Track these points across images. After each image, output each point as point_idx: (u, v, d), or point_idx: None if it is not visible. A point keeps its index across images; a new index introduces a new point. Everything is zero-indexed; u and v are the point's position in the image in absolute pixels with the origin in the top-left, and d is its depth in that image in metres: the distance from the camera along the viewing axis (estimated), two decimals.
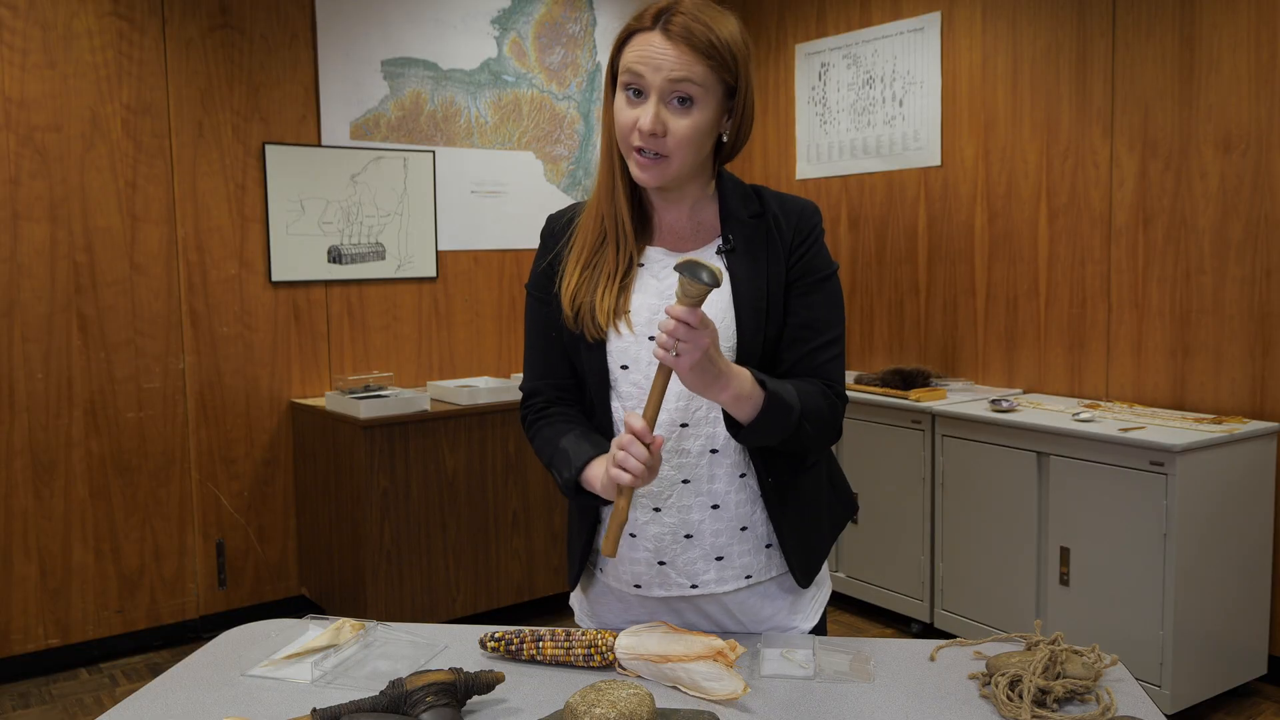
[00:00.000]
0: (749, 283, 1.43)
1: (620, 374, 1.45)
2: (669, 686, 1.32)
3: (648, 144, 1.35)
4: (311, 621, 1.55)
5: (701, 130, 1.36)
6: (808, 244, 1.47)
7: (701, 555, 1.46)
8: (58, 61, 3.49)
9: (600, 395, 1.47)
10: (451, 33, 4.29)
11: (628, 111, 1.37)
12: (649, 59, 1.34)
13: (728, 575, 1.47)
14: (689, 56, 1.33)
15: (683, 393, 1.41)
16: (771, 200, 1.48)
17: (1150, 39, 3.47)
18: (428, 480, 3.69)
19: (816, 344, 1.45)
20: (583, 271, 1.44)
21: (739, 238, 1.45)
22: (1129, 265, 3.58)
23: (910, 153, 4.27)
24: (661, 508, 1.45)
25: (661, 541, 1.46)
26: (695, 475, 1.44)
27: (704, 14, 1.35)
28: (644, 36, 1.35)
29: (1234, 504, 3.09)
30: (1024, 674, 1.25)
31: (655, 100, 1.34)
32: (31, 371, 3.50)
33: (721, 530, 1.46)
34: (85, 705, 3.33)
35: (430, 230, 4.27)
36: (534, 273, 1.55)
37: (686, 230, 1.48)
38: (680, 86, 1.33)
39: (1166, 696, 2.97)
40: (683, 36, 1.33)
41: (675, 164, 1.37)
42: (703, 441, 1.43)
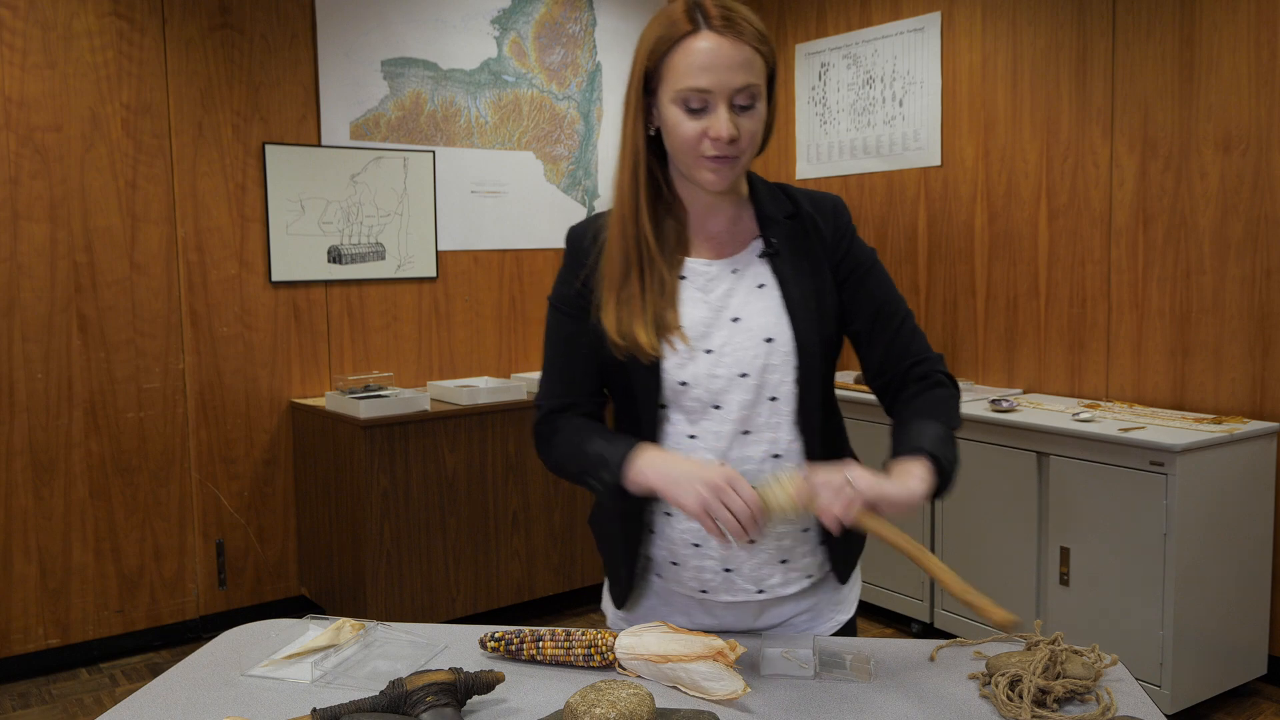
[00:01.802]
0: (797, 284, 1.42)
1: (680, 390, 1.41)
2: (669, 686, 1.32)
3: (724, 151, 1.32)
4: (311, 621, 1.54)
5: (763, 125, 1.36)
6: (848, 238, 1.47)
7: (767, 560, 1.45)
8: (58, 61, 3.49)
9: (650, 415, 1.43)
10: (451, 33, 4.29)
11: (689, 125, 1.32)
12: (710, 66, 1.29)
13: (791, 578, 1.47)
14: (746, 50, 1.30)
15: (744, 401, 1.40)
16: (801, 199, 1.47)
17: (1150, 39, 3.47)
18: (428, 480, 3.69)
19: (895, 326, 1.47)
20: (620, 298, 1.40)
21: (780, 240, 1.44)
22: (1129, 265, 3.58)
23: (910, 153, 4.27)
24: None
25: (729, 549, 1.44)
26: (759, 482, 1.40)
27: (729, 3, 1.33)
28: (691, 43, 1.30)
29: (1234, 504, 3.09)
30: (1024, 674, 1.25)
31: (724, 107, 1.30)
32: (31, 371, 3.50)
33: (786, 533, 1.45)
34: (85, 705, 3.33)
35: (430, 230, 4.27)
36: (560, 289, 1.50)
37: (726, 235, 1.46)
38: (745, 91, 1.31)
39: (1166, 696, 2.97)
40: (731, 28, 1.30)
41: (744, 161, 1.37)
42: (765, 447, 1.42)
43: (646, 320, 1.39)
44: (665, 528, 1.46)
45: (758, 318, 1.41)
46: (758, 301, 1.42)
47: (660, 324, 1.39)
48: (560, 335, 1.49)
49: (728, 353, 1.40)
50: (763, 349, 1.40)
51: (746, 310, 1.41)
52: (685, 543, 1.45)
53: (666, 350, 1.40)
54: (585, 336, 1.45)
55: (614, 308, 1.40)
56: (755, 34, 1.31)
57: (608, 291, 1.41)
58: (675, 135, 1.34)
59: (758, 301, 1.42)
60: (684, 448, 1.43)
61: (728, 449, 1.41)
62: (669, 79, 1.32)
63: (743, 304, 1.42)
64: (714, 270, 1.43)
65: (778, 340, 1.40)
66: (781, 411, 1.41)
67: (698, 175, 1.36)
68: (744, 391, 1.40)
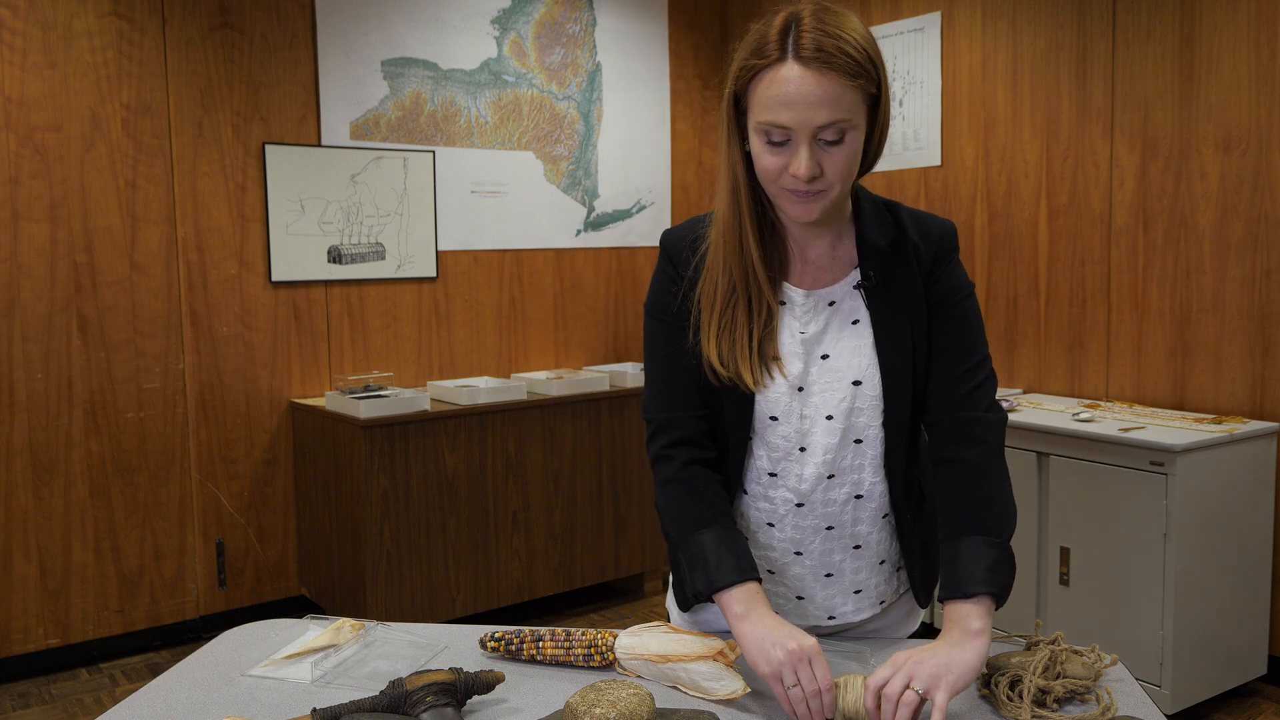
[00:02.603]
0: (892, 321, 1.35)
1: (767, 425, 1.37)
2: (669, 686, 1.32)
3: (804, 188, 1.24)
4: (311, 621, 1.54)
5: (855, 155, 1.25)
6: (945, 266, 1.38)
7: (840, 591, 1.44)
8: (58, 61, 3.49)
9: (739, 444, 1.39)
10: (451, 33, 4.29)
11: (770, 158, 1.24)
12: (790, 102, 1.19)
13: (864, 605, 1.46)
14: (834, 86, 1.18)
15: (830, 445, 1.36)
16: (909, 222, 1.37)
17: (1150, 39, 3.47)
18: (428, 480, 3.69)
19: (960, 370, 1.36)
20: (721, 323, 1.34)
21: (879, 271, 1.35)
22: (1129, 265, 3.58)
23: (910, 153, 4.27)
24: (804, 552, 1.42)
25: (802, 581, 1.43)
26: (839, 522, 1.40)
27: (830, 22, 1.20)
28: (775, 73, 1.20)
29: (1234, 504, 3.09)
30: (1024, 674, 1.25)
31: (806, 145, 1.21)
32: (31, 371, 3.50)
33: (861, 568, 1.44)
34: (85, 705, 3.33)
35: (430, 230, 4.27)
36: (657, 297, 1.42)
37: (825, 262, 1.38)
38: (828, 130, 1.21)
39: (1166, 696, 2.97)
40: (820, 60, 1.18)
41: (834, 194, 1.26)
42: (848, 489, 1.39)
43: (752, 351, 1.33)
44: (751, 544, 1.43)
45: (847, 357, 1.36)
46: (850, 340, 1.36)
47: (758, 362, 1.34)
48: (660, 348, 1.42)
49: (815, 392, 1.36)
50: (849, 391, 1.35)
51: (837, 348, 1.36)
52: (760, 569, 1.41)
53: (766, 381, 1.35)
54: (685, 352, 1.38)
55: (715, 334, 1.34)
56: (849, 64, 1.19)
57: (709, 315, 1.35)
58: (758, 165, 1.27)
59: (850, 340, 1.36)
60: (764, 486, 1.41)
61: (811, 491, 1.38)
62: (753, 107, 1.24)
63: (834, 341, 1.36)
64: (810, 302, 1.37)
65: (866, 384, 1.35)
66: (866, 454, 1.38)
67: (782, 206, 1.30)
68: (829, 435, 1.36)
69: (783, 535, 1.42)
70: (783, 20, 1.22)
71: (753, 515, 1.44)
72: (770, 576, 1.45)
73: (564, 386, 4.02)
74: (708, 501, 1.37)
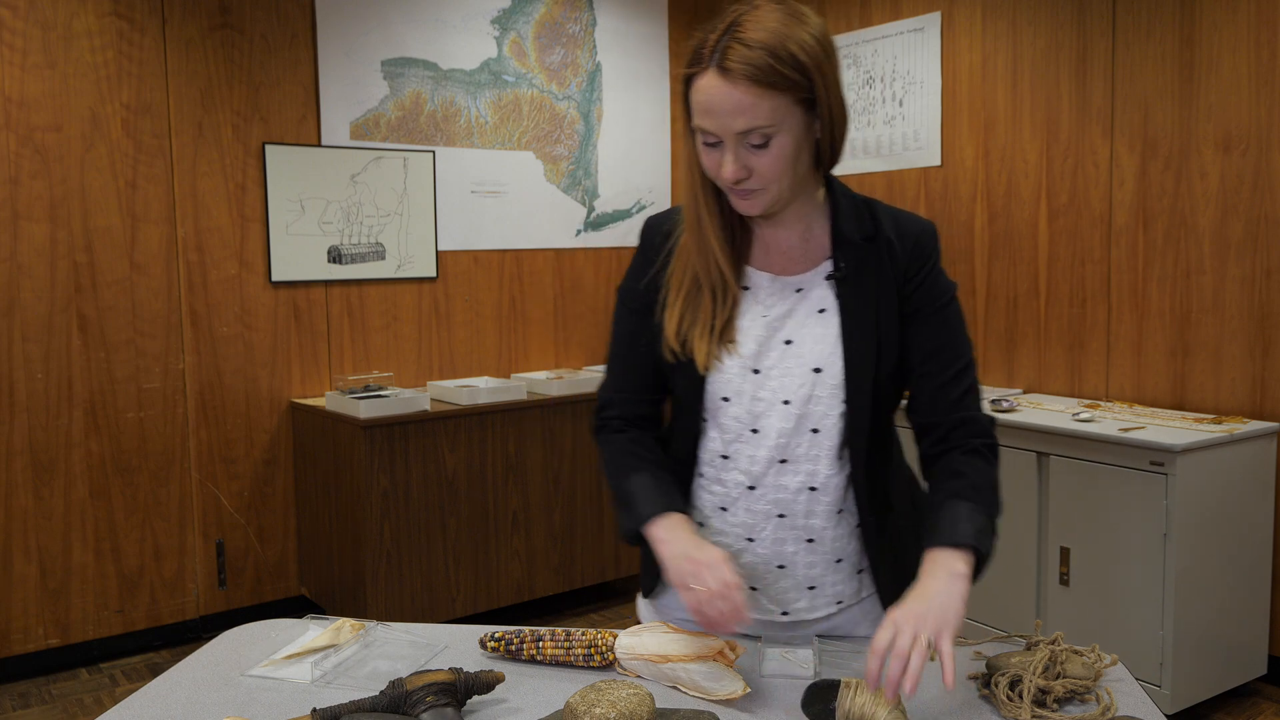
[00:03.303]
0: (860, 314, 1.36)
1: (719, 406, 1.39)
2: (669, 686, 1.32)
3: (736, 189, 1.30)
4: (311, 621, 1.54)
5: (787, 157, 1.27)
6: (926, 269, 1.39)
7: (794, 585, 1.44)
8: (58, 61, 3.49)
9: (691, 424, 1.42)
10: (451, 33, 4.29)
11: (708, 157, 1.30)
12: (712, 109, 1.24)
13: (819, 603, 1.46)
14: (752, 97, 1.21)
15: (784, 429, 1.37)
16: (886, 220, 1.39)
17: (1150, 39, 3.47)
18: (428, 480, 3.69)
19: (948, 375, 1.37)
20: (685, 305, 1.37)
21: (850, 263, 1.37)
22: (1129, 265, 3.58)
23: (910, 153, 4.27)
24: (755, 539, 1.42)
25: (754, 570, 1.43)
26: (791, 511, 1.40)
27: (763, 31, 1.22)
28: (702, 81, 1.25)
29: (1234, 504, 3.09)
30: (1024, 674, 1.25)
31: (730, 148, 1.26)
32: (31, 371, 3.50)
33: (815, 563, 1.43)
34: (85, 705, 3.33)
35: (430, 230, 4.27)
36: (629, 282, 1.47)
37: (796, 251, 1.40)
38: (751, 135, 1.24)
39: (1166, 696, 2.97)
40: (743, 74, 1.21)
41: (772, 193, 1.30)
42: (801, 479, 1.39)
43: (708, 330, 1.36)
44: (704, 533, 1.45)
45: (811, 344, 1.36)
46: (815, 327, 1.37)
47: (716, 345, 1.36)
48: (623, 329, 1.47)
49: (774, 376, 1.37)
50: (809, 378, 1.36)
51: (801, 334, 1.37)
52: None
53: (715, 363, 1.37)
54: (647, 334, 1.42)
55: (678, 310, 1.37)
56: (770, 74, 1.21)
57: (675, 293, 1.38)
58: (702, 164, 1.32)
59: (815, 327, 1.37)
60: (716, 469, 1.42)
61: (762, 474, 1.39)
62: (691, 110, 1.30)
63: (798, 327, 1.37)
64: (776, 286, 1.39)
65: (826, 372, 1.35)
66: (822, 444, 1.38)
67: (731, 201, 1.34)
68: (784, 419, 1.36)
69: (735, 520, 1.42)
70: (721, 25, 1.25)
71: (706, 499, 1.45)
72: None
73: (564, 386, 4.02)
74: (639, 453, 1.43)
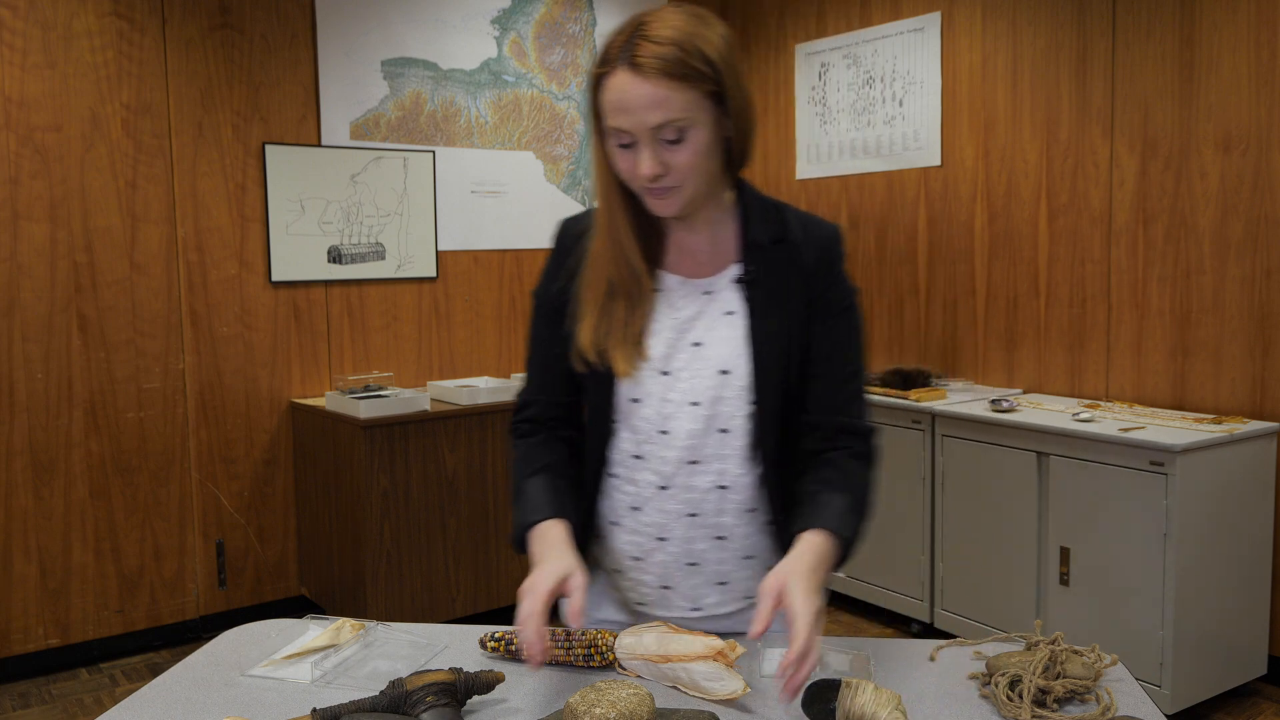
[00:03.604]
0: (767, 316, 1.37)
1: (630, 407, 1.40)
2: (669, 686, 1.32)
3: (653, 186, 1.30)
4: (311, 621, 1.54)
5: (702, 154, 1.29)
6: (830, 273, 1.40)
7: (705, 581, 1.46)
8: (58, 61, 3.49)
9: (603, 426, 1.43)
10: (451, 33, 4.29)
11: (622, 160, 1.30)
12: (624, 108, 1.25)
13: (729, 599, 1.48)
14: (665, 90, 1.24)
15: (693, 430, 1.38)
16: (795, 223, 1.41)
17: (1150, 39, 3.47)
18: (428, 480, 3.69)
19: (838, 379, 1.40)
20: (600, 315, 1.38)
21: (759, 266, 1.38)
22: (1129, 265, 3.58)
23: (910, 153, 4.27)
24: (667, 538, 1.44)
25: (666, 568, 1.45)
26: (702, 510, 1.42)
27: (670, 29, 1.25)
28: (614, 80, 1.26)
29: (1234, 504, 3.09)
30: (1024, 674, 1.25)
31: (646, 145, 1.27)
32: (31, 371, 3.50)
33: (726, 559, 1.45)
34: (85, 705, 3.33)
35: (430, 230, 4.27)
36: (544, 285, 1.47)
37: (705, 254, 1.41)
38: (665, 130, 1.25)
39: (1166, 696, 2.97)
40: (654, 69, 1.23)
41: (689, 190, 1.31)
42: (712, 478, 1.41)
43: (626, 338, 1.37)
44: (609, 537, 1.48)
45: (719, 346, 1.38)
46: (723, 329, 1.38)
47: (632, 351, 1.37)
48: (538, 332, 1.48)
49: (683, 378, 1.38)
50: (717, 380, 1.37)
51: (709, 337, 1.38)
52: (626, 555, 1.47)
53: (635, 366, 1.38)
54: (559, 339, 1.42)
55: (592, 320, 1.38)
56: (680, 68, 1.23)
57: (588, 303, 1.38)
58: (615, 166, 1.32)
59: (723, 329, 1.38)
60: (629, 469, 1.44)
61: (673, 475, 1.40)
62: (602, 112, 1.30)
63: (707, 329, 1.39)
64: (686, 289, 1.40)
65: (734, 373, 1.37)
66: (731, 445, 1.39)
67: (646, 202, 1.34)
68: (693, 420, 1.38)
69: (647, 519, 1.44)
70: (625, 28, 1.28)
71: (619, 499, 1.46)
72: (637, 564, 1.47)
73: None
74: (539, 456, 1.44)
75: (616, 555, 1.48)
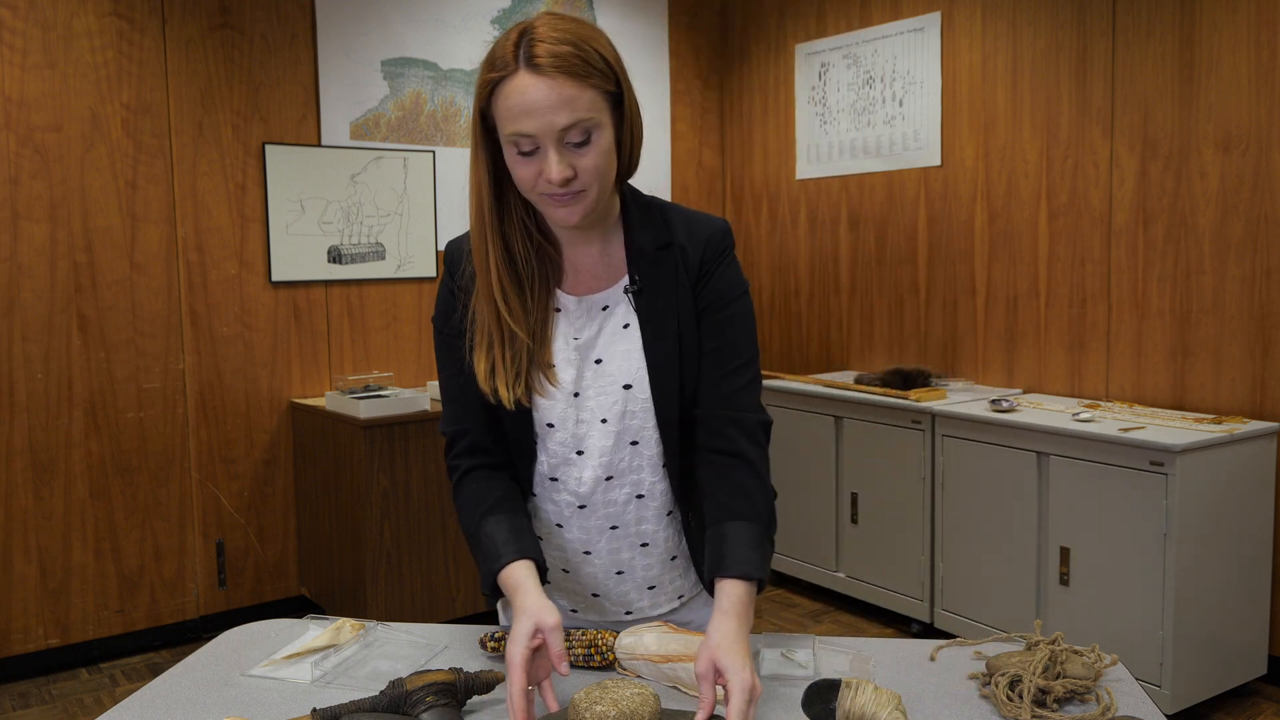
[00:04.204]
0: (659, 325, 1.36)
1: (545, 431, 1.39)
2: (669, 686, 1.32)
3: (559, 191, 1.25)
4: (311, 621, 1.54)
5: (607, 153, 1.26)
6: (716, 267, 1.38)
7: (634, 587, 1.48)
8: (58, 61, 3.49)
9: (523, 453, 1.42)
10: (451, 33, 4.29)
11: (523, 169, 1.25)
12: (530, 110, 1.20)
13: (661, 600, 1.50)
14: (570, 89, 1.20)
15: (605, 448, 1.38)
16: (679, 225, 1.38)
17: (1150, 39, 3.47)
18: (428, 480, 3.69)
19: (725, 370, 1.37)
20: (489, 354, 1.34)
21: (646, 276, 1.36)
22: (1129, 265, 3.58)
23: (910, 153, 4.27)
24: (592, 551, 1.45)
25: (595, 579, 1.47)
26: (623, 521, 1.43)
27: (561, 31, 1.22)
28: (512, 83, 1.21)
29: (1234, 504, 3.09)
30: (1024, 674, 1.25)
31: (552, 150, 1.22)
32: (31, 371, 3.50)
33: (652, 564, 1.47)
34: (85, 705, 3.33)
35: (430, 230, 4.27)
36: (440, 309, 1.43)
37: (599, 269, 1.39)
38: (572, 131, 1.22)
39: (1166, 696, 2.97)
40: (556, 68, 1.20)
41: (594, 195, 1.27)
42: (628, 490, 1.41)
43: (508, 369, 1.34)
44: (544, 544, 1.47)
45: (618, 361, 1.37)
46: (621, 343, 1.37)
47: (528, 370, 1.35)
48: (447, 359, 1.43)
49: (590, 397, 1.38)
50: (621, 395, 1.37)
51: (609, 353, 1.38)
52: (556, 566, 1.48)
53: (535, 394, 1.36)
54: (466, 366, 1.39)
55: (484, 353, 1.35)
56: (581, 66, 1.21)
57: (479, 335, 1.35)
58: (515, 177, 1.27)
59: (621, 343, 1.37)
60: (547, 490, 1.43)
61: (590, 493, 1.41)
62: (499, 121, 1.25)
63: (607, 345, 1.38)
64: (583, 308, 1.39)
65: (636, 387, 1.37)
66: (643, 455, 1.40)
67: (547, 213, 1.30)
68: (605, 437, 1.38)
69: (571, 536, 1.45)
70: (515, 33, 1.24)
71: (543, 515, 1.46)
72: (565, 575, 1.48)
73: None
74: (490, 493, 1.40)
75: (550, 562, 1.48)
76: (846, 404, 3.93)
